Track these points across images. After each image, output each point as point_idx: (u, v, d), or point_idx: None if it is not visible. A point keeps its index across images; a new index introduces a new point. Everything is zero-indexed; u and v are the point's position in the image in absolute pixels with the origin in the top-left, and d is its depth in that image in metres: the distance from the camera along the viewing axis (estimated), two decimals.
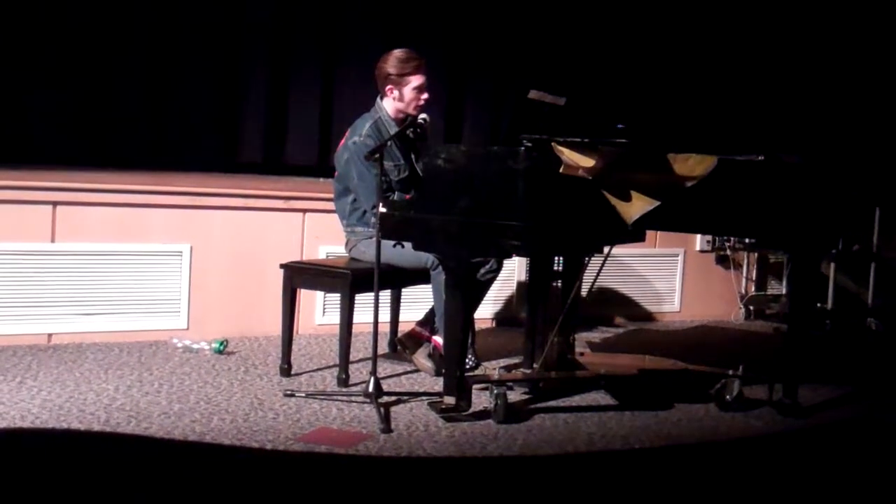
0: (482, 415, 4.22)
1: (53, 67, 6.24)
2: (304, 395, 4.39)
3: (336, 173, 4.90)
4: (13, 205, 4.99)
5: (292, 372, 4.77)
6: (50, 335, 5.10)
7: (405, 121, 4.78)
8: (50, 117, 6.27)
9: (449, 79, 7.25)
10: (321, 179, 6.32)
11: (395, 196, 4.72)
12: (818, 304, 6.62)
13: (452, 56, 7.31)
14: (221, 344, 5.11)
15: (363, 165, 4.64)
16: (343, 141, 4.87)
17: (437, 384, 4.55)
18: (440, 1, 7.27)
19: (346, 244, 4.93)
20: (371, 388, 4.17)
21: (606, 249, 4.97)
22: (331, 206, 5.03)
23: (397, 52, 4.81)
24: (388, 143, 4.56)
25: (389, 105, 4.84)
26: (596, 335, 6.11)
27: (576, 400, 4.60)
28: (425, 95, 4.81)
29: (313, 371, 4.88)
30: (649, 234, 5.34)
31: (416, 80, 4.78)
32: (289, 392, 4.40)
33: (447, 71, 7.17)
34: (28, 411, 3.96)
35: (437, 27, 7.16)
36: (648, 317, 6.76)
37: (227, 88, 6.87)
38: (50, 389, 4.29)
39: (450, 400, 4.19)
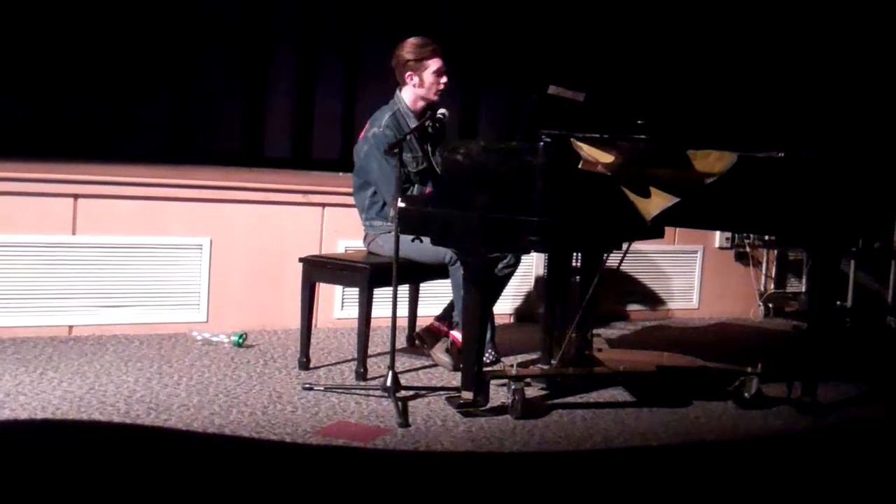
0: (500, 410, 4.22)
1: (77, 60, 6.28)
2: (322, 388, 4.41)
3: (355, 166, 4.91)
4: (35, 197, 5.02)
5: (311, 365, 4.78)
6: (71, 327, 5.13)
7: (424, 111, 4.80)
8: (72, 110, 6.31)
9: (465, 73, 7.25)
10: (340, 174, 6.33)
11: (415, 189, 4.72)
12: (838, 302, 6.59)
13: (469, 50, 7.30)
14: (240, 337, 5.13)
15: (382, 157, 4.65)
16: (362, 133, 4.88)
17: (455, 379, 4.56)
18: None
19: (365, 238, 4.94)
20: (389, 383, 4.18)
21: (625, 245, 4.96)
22: (350, 200, 5.04)
23: (412, 39, 4.83)
24: (408, 136, 4.57)
25: (408, 95, 4.84)
26: (614, 331, 6.10)
27: (593, 396, 4.60)
28: (444, 79, 4.82)
29: (332, 365, 4.89)
30: (668, 230, 5.33)
31: (434, 64, 4.79)
32: (307, 385, 4.41)
33: (463, 66, 7.16)
34: (49, 402, 3.99)
35: (455, 22, 7.17)
36: (667, 313, 6.74)
37: (252, 84, 6.90)
38: (70, 381, 4.32)
39: (467, 395, 4.20)
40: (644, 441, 4.01)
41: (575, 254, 4.75)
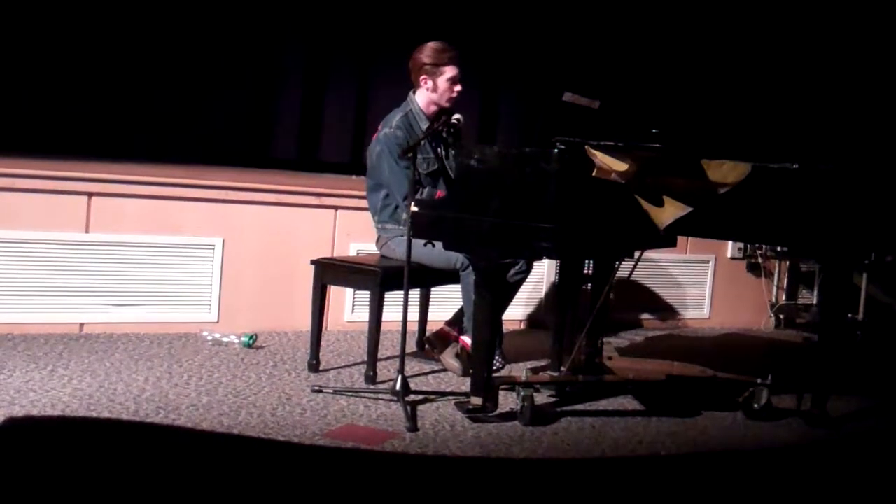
0: (508, 416, 4.22)
1: (91, 59, 6.29)
2: (331, 391, 4.41)
3: (368, 167, 4.92)
4: (49, 195, 5.04)
5: (320, 368, 4.79)
6: (82, 324, 5.14)
7: (437, 114, 4.81)
8: (86, 108, 6.32)
9: (483, 79, 7.25)
10: (353, 177, 6.35)
11: (425, 192, 4.72)
12: (849, 315, 6.57)
13: (487, 56, 7.30)
14: (251, 338, 5.13)
15: (393, 159, 4.66)
16: (375, 135, 4.89)
17: (464, 384, 4.55)
18: (476, 1, 7.28)
19: (377, 241, 4.94)
20: (398, 387, 4.17)
21: (637, 254, 4.95)
22: (363, 203, 5.05)
23: (432, 44, 4.85)
24: (422, 141, 4.57)
25: (422, 97, 4.85)
26: (624, 340, 6.09)
27: (602, 404, 4.59)
28: (458, 87, 4.83)
29: (341, 367, 4.89)
30: (680, 239, 5.32)
31: (450, 72, 4.80)
32: (316, 388, 4.42)
33: (482, 71, 7.16)
34: (58, 399, 4.00)
35: (472, 27, 7.16)
36: (678, 323, 6.73)
37: (263, 84, 6.90)
38: (80, 378, 4.33)
39: (476, 400, 4.19)
40: (652, 450, 4.00)
41: (587, 261, 4.75)
